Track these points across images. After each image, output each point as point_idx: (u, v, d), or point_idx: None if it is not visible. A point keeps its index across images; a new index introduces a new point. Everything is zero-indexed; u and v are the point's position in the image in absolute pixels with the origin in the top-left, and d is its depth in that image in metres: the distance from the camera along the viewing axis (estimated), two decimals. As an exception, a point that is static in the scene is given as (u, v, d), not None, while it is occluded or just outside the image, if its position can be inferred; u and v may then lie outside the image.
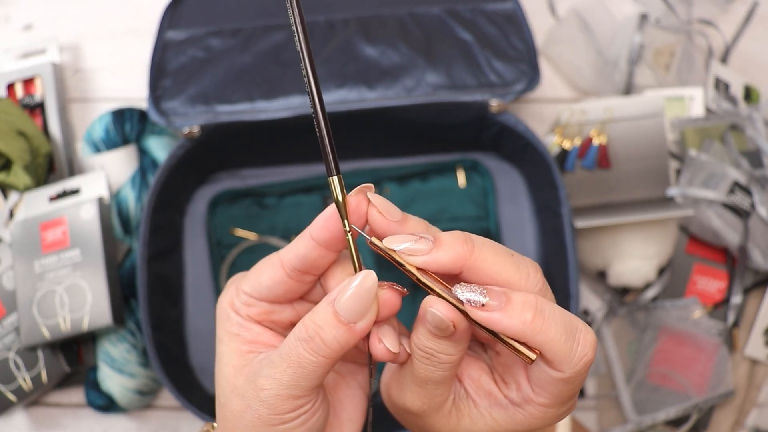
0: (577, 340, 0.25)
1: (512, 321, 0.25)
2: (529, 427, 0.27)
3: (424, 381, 0.27)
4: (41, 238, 0.55)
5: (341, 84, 0.57)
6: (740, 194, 0.60)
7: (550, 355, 0.25)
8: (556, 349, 0.25)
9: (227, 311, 0.31)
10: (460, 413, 0.29)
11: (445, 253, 0.27)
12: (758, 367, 0.61)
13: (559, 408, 0.27)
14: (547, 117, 0.66)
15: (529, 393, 0.27)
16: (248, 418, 0.28)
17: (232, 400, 0.29)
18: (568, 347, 0.25)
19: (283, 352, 0.28)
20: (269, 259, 0.30)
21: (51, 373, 0.55)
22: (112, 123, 0.60)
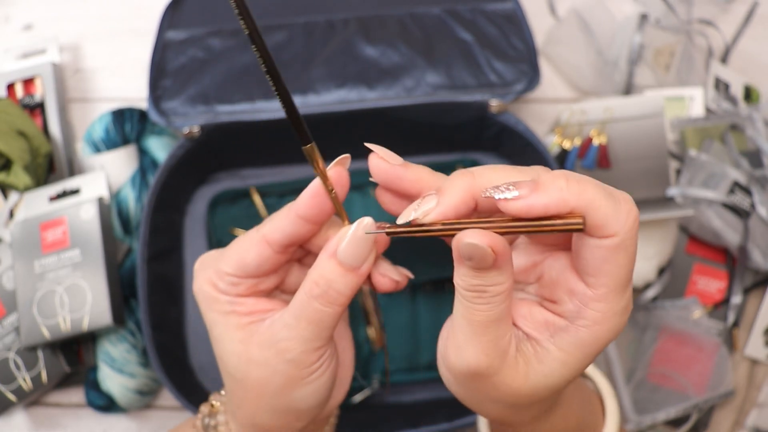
0: (617, 198, 0.24)
1: (549, 194, 0.23)
2: (596, 341, 0.25)
3: (485, 325, 0.26)
4: (41, 238, 0.55)
5: (341, 84, 0.57)
6: (740, 194, 0.60)
7: (596, 217, 0.23)
8: (600, 208, 0.23)
9: (213, 294, 0.31)
10: (526, 358, 0.26)
11: (453, 194, 0.26)
12: (758, 367, 0.61)
13: (620, 299, 0.25)
14: (547, 117, 0.66)
15: (585, 291, 0.25)
16: (276, 382, 0.30)
17: (251, 371, 0.30)
18: (611, 203, 0.23)
19: (297, 313, 0.29)
20: (250, 239, 0.30)
21: (51, 373, 0.55)
22: (112, 123, 0.60)
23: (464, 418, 0.49)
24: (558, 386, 0.26)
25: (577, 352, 0.26)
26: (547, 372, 0.26)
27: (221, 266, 0.31)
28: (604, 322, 0.25)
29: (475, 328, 0.26)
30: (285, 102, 0.27)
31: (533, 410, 0.29)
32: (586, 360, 0.26)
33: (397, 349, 0.57)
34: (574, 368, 0.26)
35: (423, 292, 0.58)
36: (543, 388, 0.26)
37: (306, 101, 0.56)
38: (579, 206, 0.23)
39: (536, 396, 0.27)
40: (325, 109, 0.55)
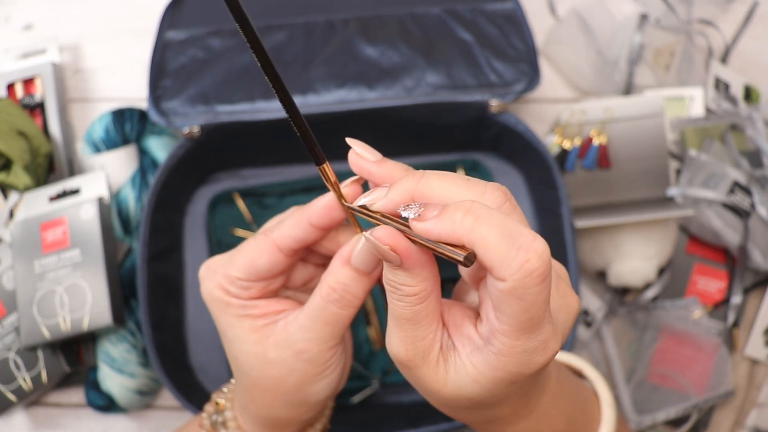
0: (517, 244, 0.23)
1: (443, 224, 0.24)
2: (504, 370, 0.25)
3: (399, 320, 0.27)
4: (41, 238, 0.55)
5: (341, 84, 0.57)
6: (740, 194, 0.60)
7: (485, 256, 0.23)
8: (489, 249, 0.23)
9: (225, 299, 0.32)
10: (447, 365, 0.27)
11: (396, 191, 0.27)
12: (758, 367, 0.61)
13: (524, 340, 0.25)
14: (547, 117, 0.66)
15: (494, 321, 0.25)
16: (293, 380, 0.32)
17: (268, 370, 0.32)
18: (503, 247, 0.23)
19: (314, 315, 0.31)
20: (260, 244, 0.32)
21: (51, 373, 0.55)
22: (112, 123, 0.60)
23: (464, 418, 0.49)
24: (476, 399, 0.27)
25: (488, 374, 0.26)
26: (462, 384, 0.26)
27: (231, 272, 0.32)
28: (510, 355, 0.25)
29: (395, 321, 0.27)
30: (299, 126, 0.30)
31: (475, 415, 0.29)
32: (499, 384, 0.26)
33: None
34: (487, 389, 0.26)
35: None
36: (461, 398, 0.27)
37: (306, 101, 0.56)
38: (468, 242, 0.24)
39: (458, 402, 0.27)
40: (325, 109, 0.55)
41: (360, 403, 0.57)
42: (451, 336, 0.28)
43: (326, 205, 0.31)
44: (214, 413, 0.36)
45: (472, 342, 0.27)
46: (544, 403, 0.31)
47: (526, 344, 0.25)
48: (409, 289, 0.26)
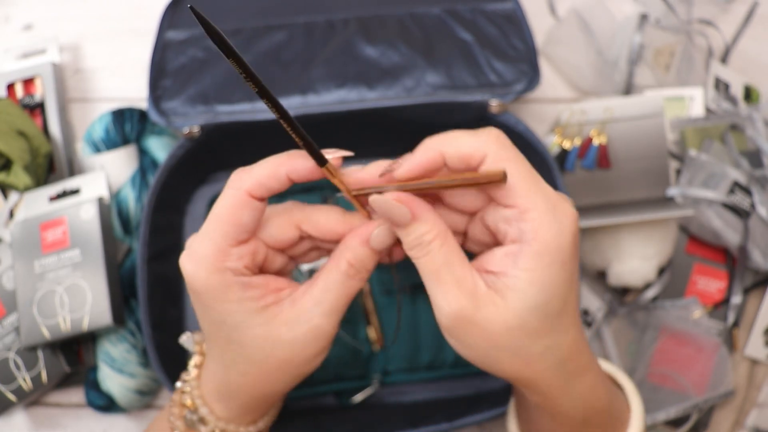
0: (476, 134, 0.30)
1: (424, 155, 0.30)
2: (546, 247, 0.28)
3: (437, 272, 0.29)
4: (41, 238, 0.55)
5: (341, 84, 0.57)
6: (740, 194, 0.60)
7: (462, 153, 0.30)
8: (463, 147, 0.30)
9: (224, 282, 0.32)
10: (500, 292, 0.29)
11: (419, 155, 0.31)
12: (758, 367, 0.61)
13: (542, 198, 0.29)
14: (547, 117, 0.66)
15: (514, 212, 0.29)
16: (305, 356, 0.33)
17: (277, 351, 0.32)
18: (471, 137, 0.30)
19: (333, 288, 0.32)
20: (237, 200, 0.32)
21: (51, 373, 0.55)
22: (112, 123, 0.60)
23: (464, 418, 0.49)
24: (540, 305, 0.28)
25: (537, 265, 0.28)
26: (521, 295, 0.28)
27: (221, 244, 0.31)
28: (542, 225, 0.28)
29: (433, 279, 0.30)
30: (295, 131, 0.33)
31: (544, 360, 0.30)
32: (548, 271, 0.28)
33: (397, 349, 0.57)
34: (543, 284, 0.28)
35: (423, 293, 0.58)
36: (526, 313, 0.28)
37: (306, 101, 0.56)
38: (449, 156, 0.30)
39: (525, 326, 0.28)
40: (324, 109, 0.55)
41: (360, 403, 0.57)
42: (491, 270, 0.30)
43: (311, 169, 0.32)
44: (187, 412, 0.36)
45: (510, 255, 0.29)
46: (593, 358, 0.33)
47: (545, 202, 0.28)
48: (429, 235, 0.29)
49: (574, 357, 0.31)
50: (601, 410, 0.33)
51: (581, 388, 0.32)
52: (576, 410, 0.32)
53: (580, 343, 0.31)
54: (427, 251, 0.30)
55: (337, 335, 0.56)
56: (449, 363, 0.57)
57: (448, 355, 0.57)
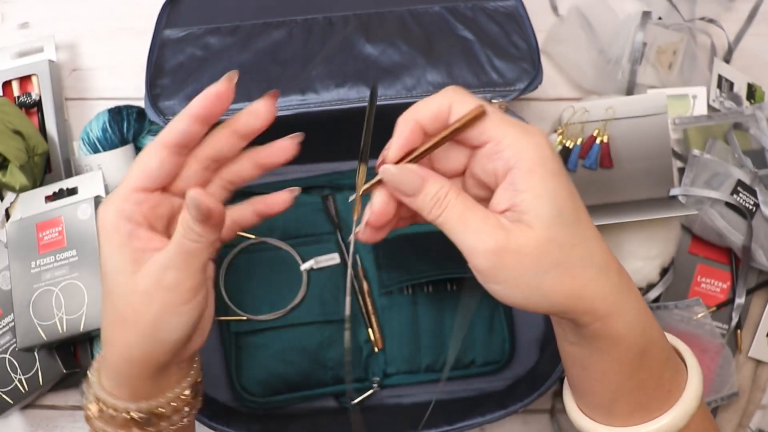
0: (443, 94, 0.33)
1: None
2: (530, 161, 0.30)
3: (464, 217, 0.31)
4: (37, 239, 0.54)
5: (341, 83, 0.56)
6: (744, 194, 0.59)
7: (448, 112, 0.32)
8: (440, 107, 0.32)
9: (116, 224, 0.34)
10: (520, 217, 0.30)
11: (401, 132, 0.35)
12: (762, 368, 0.60)
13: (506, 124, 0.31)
14: (548, 116, 0.66)
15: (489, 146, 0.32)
16: (153, 310, 0.33)
17: (133, 301, 0.33)
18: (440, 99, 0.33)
19: (174, 243, 0.33)
20: (148, 149, 0.34)
21: (47, 374, 0.54)
22: (110, 122, 0.59)
23: (465, 421, 0.49)
24: (555, 218, 0.30)
25: (533, 182, 0.30)
26: (535, 212, 0.30)
27: (127, 184, 0.34)
28: (519, 145, 0.30)
29: (460, 226, 0.31)
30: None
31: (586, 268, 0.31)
32: (545, 183, 0.30)
33: (397, 351, 0.57)
34: (547, 194, 0.30)
35: (423, 293, 0.57)
36: (549, 226, 0.30)
37: (305, 100, 0.56)
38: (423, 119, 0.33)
39: (554, 238, 0.30)
40: (324, 107, 0.55)
41: (359, 405, 0.56)
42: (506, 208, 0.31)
43: (207, 96, 0.35)
44: (84, 383, 0.38)
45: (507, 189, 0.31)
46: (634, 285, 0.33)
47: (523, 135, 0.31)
48: (443, 190, 0.31)
49: (612, 263, 0.32)
50: (657, 341, 0.34)
51: (633, 303, 0.32)
52: (634, 333, 0.32)
53: (614, 259, 0.32)
54: (446, 204, 0.31)
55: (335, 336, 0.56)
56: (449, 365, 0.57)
57: (448, 356, 0.57)
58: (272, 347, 0.55)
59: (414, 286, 0.57)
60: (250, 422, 0.51)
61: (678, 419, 0.34)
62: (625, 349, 0.33)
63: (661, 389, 0.35)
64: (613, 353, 0.33)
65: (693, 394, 0.35)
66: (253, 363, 0.55)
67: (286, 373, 0.55)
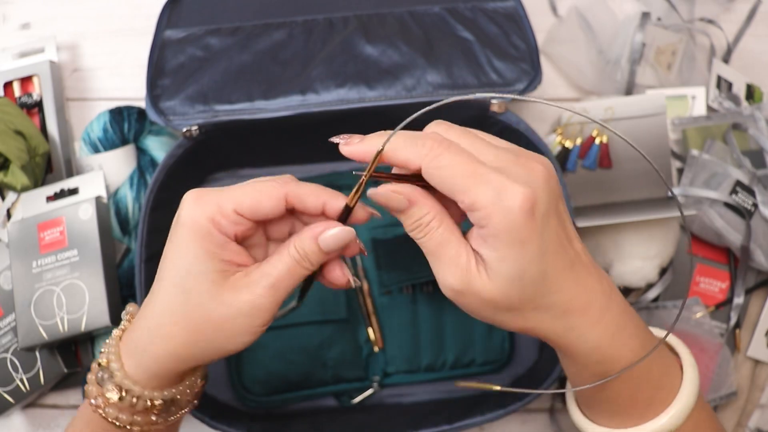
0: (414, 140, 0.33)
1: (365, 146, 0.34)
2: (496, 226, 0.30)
3: (437, 251, 0.32)
4: (39, 238, 0.55)
5: (341, 83, 0.56)
6: (743, 194, 0.59)
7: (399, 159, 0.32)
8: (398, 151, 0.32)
9: (208, 229, 0.34)
10: (485, 268, 0.31)
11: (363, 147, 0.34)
12: (761, 368, 0.60)
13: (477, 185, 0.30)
14: (548, 116, 0.66)
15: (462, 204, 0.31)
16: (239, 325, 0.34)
17: (215, 311, 0.33)
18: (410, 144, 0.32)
19: (278, 266, 0.34)
20: (272, 191, 0.34)
21: (48, 374, 0.54)
22: (111, 122, 0.59)
23: (464, 420, 0.49)
24: (514, 279, 0.31)
25: (499, 245, 0.30)
26: (496, 271, 0.31)
27: (229, 205, 0.34)
28: (488, 213, 0.30)
29: (433, 257, 0.32)
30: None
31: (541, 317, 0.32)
32: (510, 250, 0.30)
33: (397, 350, 0.57)
34: (510, 260, 0.30)
35: (423, 293, 0.57)
36: (506, 285, 0.31)
37: (305, 100, 0.56)
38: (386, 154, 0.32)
39: (511, 295, 0.31)
40: (324, 108, 0.55)
41: (359, 404, 0.57)
42: (475, 249, 0.32)
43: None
44: (99, 370, 0.36)
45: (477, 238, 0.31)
46: (616, 316, 0.34)
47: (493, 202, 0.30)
48: (426, 217, 0.32)
49: (577, 311, 0.33)
50: (625, 356, 0.34)
51: (595, 334, 0.33)
52: (594, 354, 0.33)
53: (585, 295, 0.33)
54: (425, 232, 0.32)
55: (335, 336, 0.56)
56: (449, 364, 0.57)
57: (447, 356, 0.57)
58: (273, 347, 0.56)
59: (414, 286, 0.57)
60: (250, 421, 0.52)
61: (675, 418, 0.35)
62: (586, 364, 0.34)
63: (635, 405, 0.36)
64: (576, 364, 0.35)
65: (689, 391, 0.35)
66: (254, 362, 0.56)
67: (286, 372, 0.55)
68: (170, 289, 0.34)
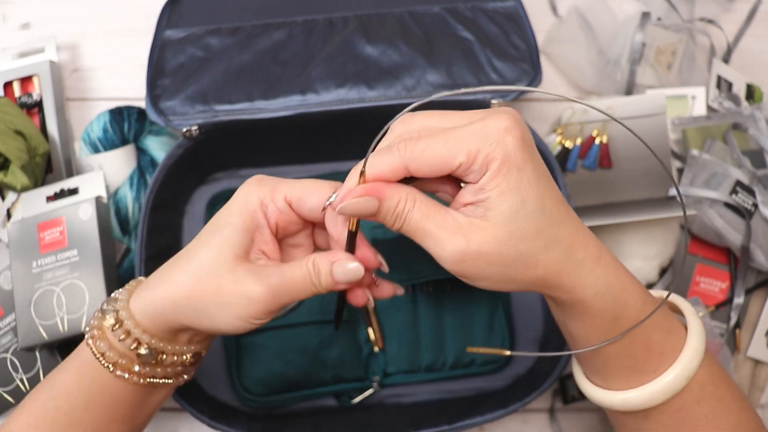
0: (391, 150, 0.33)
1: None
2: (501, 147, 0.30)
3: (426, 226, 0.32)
4: (39, 238, 0.55)
5: (341, 83, 0.56)
6: (743, 194, 0.59)
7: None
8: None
9: (255, 207, 0.35)
10: (480, 215, 0.31)
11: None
12: (761, 367, 0.60)
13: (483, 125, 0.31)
14: (548, 116, 0.66)
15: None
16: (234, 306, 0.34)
17: (224, 278, 0.34)
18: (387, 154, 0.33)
19: (290, 275, 0.35)
20: (322, 190, 0.35)
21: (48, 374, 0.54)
22: (111, 122, 0.59)
23: (465, 420, 0.49)
24: (517, 211, 0.30)
25: (497, 179, 0.30)
26: (497, 208, 0.30)
27: (281, 190, 0.35)
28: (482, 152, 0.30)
29: (421, 235, 0.32)
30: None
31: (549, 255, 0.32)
32: (507, 178, 0.30)
33: (397, 350, 0.57)
34: (509, 189, 0.30)
35: (423, 293, 0.57)
36: (509, 221, 0.31)
37: (305, 100, 0.56)
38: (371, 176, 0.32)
39: (515, 233, 0.31)
40: (324, 108, 0.55)
41: (359, 403, 0.57)
42: (468, 204, 0.32)
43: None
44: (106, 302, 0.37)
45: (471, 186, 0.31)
46: (611, 258, 0.34)
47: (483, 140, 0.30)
48: (399, 204, 0.32)
49: (579, 245, 0.32)
50: (634, 305, 0.34)
51: (600, 272, 0.33)
52: (603, 300, 0.33)
53: (582, 233, 0.33)
54: (404, 218, 0.32)
55: (335, 336, 0.56)
56: (449, 364, 0.57)
57: (448, 356, 0.57)
58: (272, 347, 0.56)
59: (414, 286, 0.57)
60: (250, 421, 0.52)
61: (674, 382, 0.34)
62: (597, 315, 0.34)
63: (650, 352, 0.35)
64: (586, 320, 0.34)
65: (691, 355, 0.34)
66: (254, 362, 0.56)
67: (286, 372, 0.55)
68: (197, 243, 0.36)
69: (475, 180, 0.31)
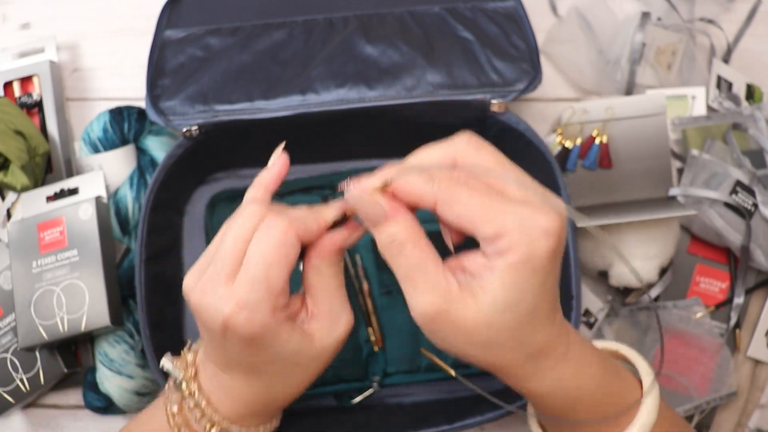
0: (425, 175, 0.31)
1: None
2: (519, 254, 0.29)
3: (411, 274, 0.30)
4: (39, 239, 0.55)
5: (341, 83, 0.56)
6: (743, 194, 0.59)
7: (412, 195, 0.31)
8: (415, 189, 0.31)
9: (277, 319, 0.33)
10: (472, 292, 0.30)
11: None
12: (761, 367, 0.60)
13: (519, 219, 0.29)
14: (548, 116, 0.66)
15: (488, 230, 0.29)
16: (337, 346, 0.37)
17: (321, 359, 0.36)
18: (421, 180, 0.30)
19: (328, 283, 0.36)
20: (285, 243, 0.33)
21: (48, 374, 0.54)
22: (111, 122, 0.59)
23: (464, 420, 0.49)
24: (507, 308, 0.29)
25: (508, 271, 0.29)
26: (492, 296, 0.29)
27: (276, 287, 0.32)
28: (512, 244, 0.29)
29: (407, 281, 0.30)
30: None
31: (514, 353, 0.31)
32: (519, 275, 0.29)
33: (397, 350, 0.57)
34: (513, 286, 0.29)
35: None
36: (496, 313, 0.29)
37: (305, 100, 0.56)
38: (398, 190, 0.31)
39: (494, 325, 0.30)
40: (324, 108, 0.55)
41: (360, 404, 0.57)
42: (466, 269, 0.31)
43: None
44: (188, 405, 0.36)
45: (482, 257, 0.30)
46: (577, 349, 0.33)
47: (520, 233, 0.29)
48: (401, 235, 0.30)
49: (545, 353, 0.32)
50: (588, 402, 0.34)
51: (556, 376, 0.32)
52: (552, 396, 0.33)
53: (554, 341, 0.32)
54: (399, 251, 0.31)
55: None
56: (449, 364, 0.57)
57: (448, 356, 0.57)
58: (273, 347, 0.56)
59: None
60: (250, 421, 0.51)
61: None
62: (545, 407, 0.34)
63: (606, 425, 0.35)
64: (534, 403, 0.35)
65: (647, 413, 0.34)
66: (254, 362, 0.56)
67: (286, 372, 0.55)
68: (277, 372, 0.36)
69: (487, 254, 0.30)
